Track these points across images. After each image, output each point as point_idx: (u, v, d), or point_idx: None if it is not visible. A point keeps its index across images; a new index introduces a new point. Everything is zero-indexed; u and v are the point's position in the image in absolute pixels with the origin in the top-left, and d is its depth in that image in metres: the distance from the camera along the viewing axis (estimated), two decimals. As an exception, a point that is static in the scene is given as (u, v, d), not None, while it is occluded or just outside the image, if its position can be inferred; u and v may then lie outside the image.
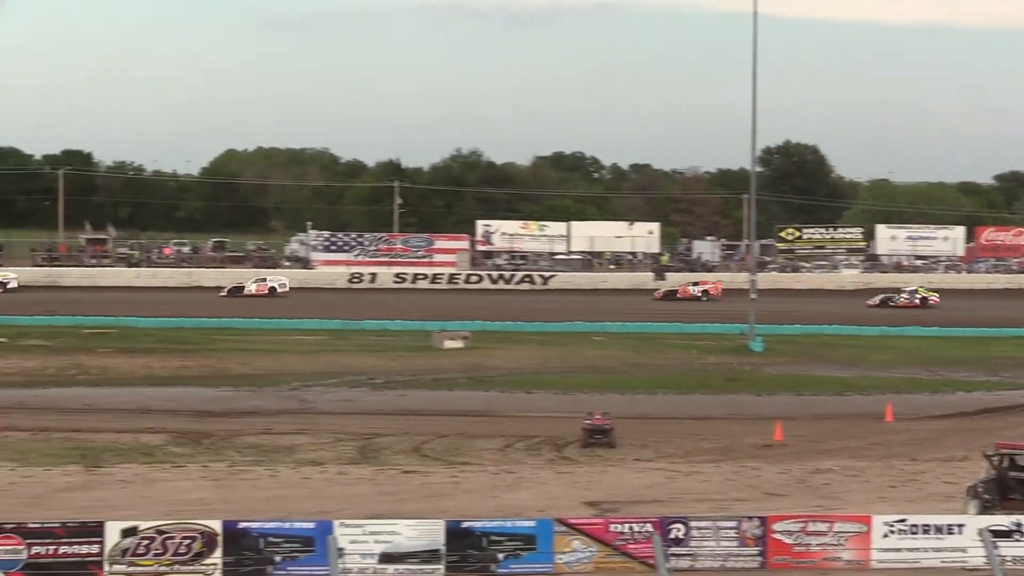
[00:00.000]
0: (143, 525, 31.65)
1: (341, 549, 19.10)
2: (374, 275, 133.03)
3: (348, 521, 32.11)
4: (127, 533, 31.31)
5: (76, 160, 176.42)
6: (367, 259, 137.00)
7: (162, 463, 45.33)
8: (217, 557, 31.40)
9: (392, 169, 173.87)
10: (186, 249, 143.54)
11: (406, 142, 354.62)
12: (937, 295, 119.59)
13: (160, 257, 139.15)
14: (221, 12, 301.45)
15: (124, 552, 31.14)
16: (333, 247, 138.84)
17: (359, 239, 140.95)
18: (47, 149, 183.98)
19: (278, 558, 31.42)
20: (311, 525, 31.94)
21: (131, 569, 31.00)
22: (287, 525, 32.15)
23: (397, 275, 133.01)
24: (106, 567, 31.04)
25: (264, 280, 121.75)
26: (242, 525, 31.95)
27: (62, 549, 31.03)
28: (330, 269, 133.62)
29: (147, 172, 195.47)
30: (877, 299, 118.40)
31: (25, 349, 76.52)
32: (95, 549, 31.09)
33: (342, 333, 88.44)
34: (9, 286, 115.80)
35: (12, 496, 39.49)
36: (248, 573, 31.13)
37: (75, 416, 55.03)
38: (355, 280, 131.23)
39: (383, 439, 50.32)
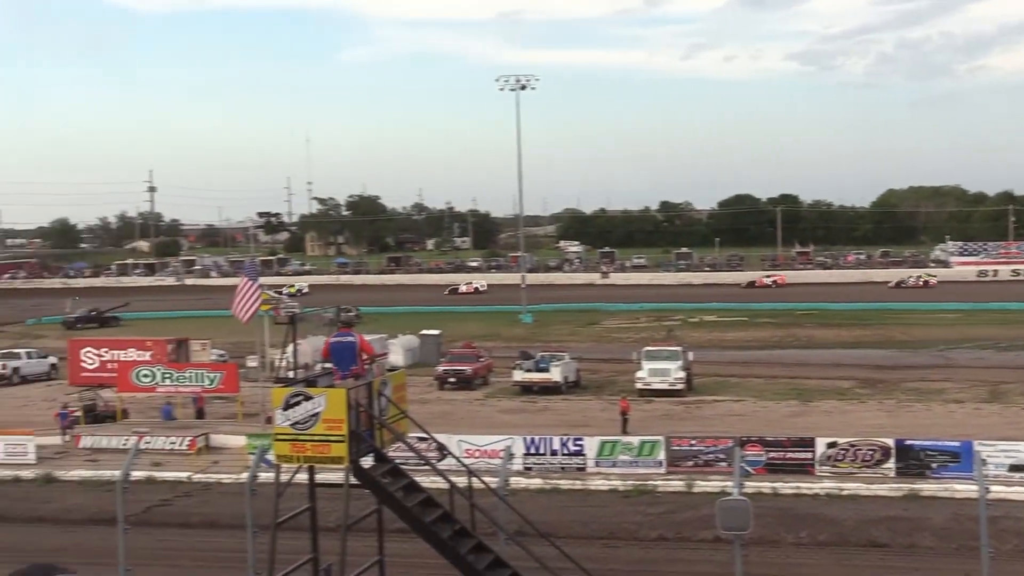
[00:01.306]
0: (841, 440, 31.32)
1: (984, 461, 17.87)
2: (996, 271, 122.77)
3: (984, 441, 30.22)
4: (830, 445, 31.10)
5: (788, 200, 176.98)
6: (990, 260, 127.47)
7: (851, 399, 44.42)
8: (891, 464, 30.52)
9: (1008, 197, 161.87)
10: (861, 256, 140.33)
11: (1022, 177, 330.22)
12: (935, 278, 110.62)
13: (844, 263, 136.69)
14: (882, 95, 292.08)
15: (828, 458, 30.92)
16: (965, 252, 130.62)
17: (984, 246, 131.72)
18: (769, 193, 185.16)
19: (934, 465, 30.12)
20: (957, 443, 30.41)
21: (833, 469, 30.70)
22: (940, 443, 30.80)
23: (1013, 271, 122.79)
24: (817, 467, 30.93)
25: (471, 283, 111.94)
26: (908, 442, 30.95)
27: (788, 454, 31.22)
28: (962, 268, 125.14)
29: (835, 206, 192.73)
30: (894, 282, 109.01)
31: (759, 325, 76.95)
32: (809, 455, 31.08)
33: (972, 312, 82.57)
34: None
35: (754, 419, 40.01)
36: (913, 475, 30.01)
37: (792, 368, 54.69)
38: (981, 275, 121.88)
39: (1008, 385, 46.62)
